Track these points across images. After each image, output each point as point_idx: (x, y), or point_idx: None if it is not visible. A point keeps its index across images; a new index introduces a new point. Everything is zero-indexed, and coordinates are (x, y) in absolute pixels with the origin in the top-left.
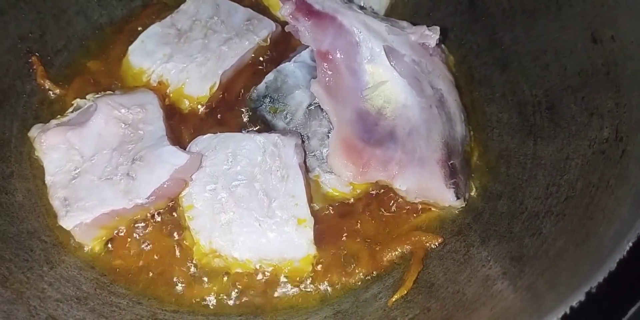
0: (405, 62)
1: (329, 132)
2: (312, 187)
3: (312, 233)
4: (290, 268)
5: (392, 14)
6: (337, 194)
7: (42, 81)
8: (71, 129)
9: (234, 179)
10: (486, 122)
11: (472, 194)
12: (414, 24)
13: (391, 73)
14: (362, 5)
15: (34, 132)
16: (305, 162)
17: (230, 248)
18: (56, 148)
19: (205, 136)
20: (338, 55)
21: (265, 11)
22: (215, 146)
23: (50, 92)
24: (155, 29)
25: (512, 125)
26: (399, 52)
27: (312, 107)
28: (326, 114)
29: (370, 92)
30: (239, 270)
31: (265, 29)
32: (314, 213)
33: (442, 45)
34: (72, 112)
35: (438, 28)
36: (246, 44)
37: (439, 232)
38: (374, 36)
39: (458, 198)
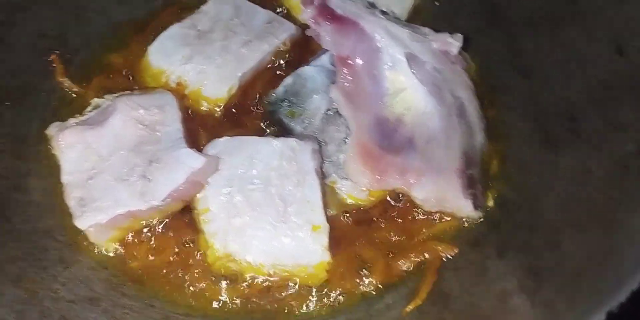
0: (427, 69)
1: (347, 138)
2: (327, 193)
3: (327, 239)
4: (304, 274)
5: (413, 19)
6: (352, 200)
7: (61, 79)
8: (89, 129)
9: (249, 182)
10: (505, 131)
11: (490, 204)
12: (436, 31)
13: (412, 80)
14: (384, 10)
15: (52, 130)
16: (321, 167)
17: (244, 252)
18: (73, 147)
19: (222, 139)
20: (358, 60)
21: (285, 13)
22: (232, 149)
23: (70, 91)
24: (175, 29)
25: (532, 136)
26: (421, 59)
27: (330, 112)
28: (344, 119)
29: (390, 99)
30: (252, 275)
31: (285, 32)
32: (328, 219)
33: (464, 53)
34: (90, 111)
35: (461, 36)
36: (266, 47)
37: (454, 242)
38: (395, 42)
39: (476, 209)
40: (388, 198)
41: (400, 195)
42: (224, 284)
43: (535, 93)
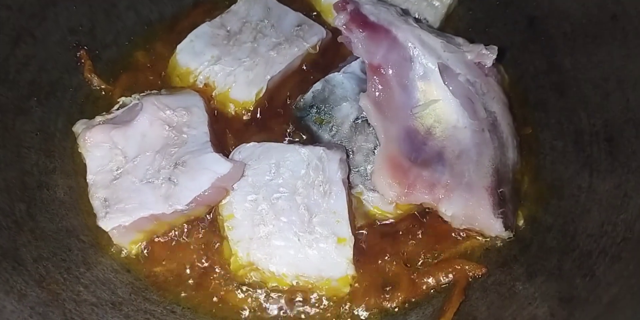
0: (460, 81)
1: (375, 149)
2: (353, 204)
3: (352, 252)
4: (327, 287)
5: (446, 26)
6: (379, 212)
7: (89, 75)
8: (116, 128)
9: (275, 190)
10: (539, 148)
11: (520, 224)
12: (471, 41)
13: (444, 92)
14: (417, 17)
15: (78, 127)
16: (349, 177)
17: (267, 261)
18: (100, 146)
19: (249, 144)
20: (390, 69)
21: (316, 16)
22: (258, 155)
23: (97, 87)
24: (204, 28)
25: (566, 155)
26: (454, 70)
27: (359, 120)
28: (373, 129)
29: (421, 110)
30: (275, 285)
31: (315, 36)
32: (354, 231)
33: (499, 65)
34: (117, 109)
35: (496, 48)
36: (295, 51)
37: (482, 262)
38: (428, 52)
39: (506, 229)
40: (415, 212)
41: (428, 209)
42: (246, 292)
43: (571, 111)
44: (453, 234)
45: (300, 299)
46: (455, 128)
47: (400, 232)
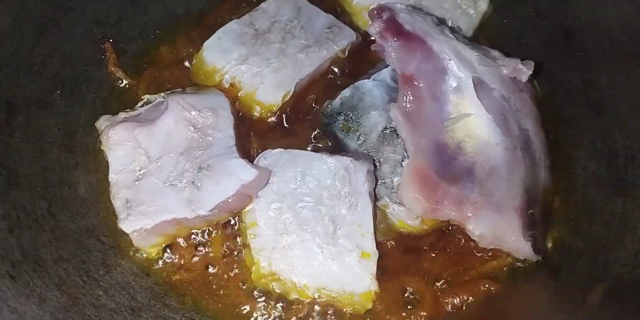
0: (494, 96)
1: (403, 161)
2: (378, 217)
3: (375, 268)
4: (350, 302)
5: (479, 35)
6: (404, 227)
7: (113, 69)
8: (140, 126)
9: (300, 200)
10: (570, 168)
11: (549, 246)
12: (505, 54)
13: (477, 106)
14: (450, 25)
15: (102, 123)
16: (375, 189)
17: (289, 272)
18: (123, 144)
19: (275, 151)
20: (423, 80)
21: (346, 18)
22: (284, 163)
23: (121, 81)
24: (233, 26)
25: (599, 177)
26: (489, 85)
27: (388, 131)
28: (402, 140)
29: (452, 124)
30: (296, 297)
31: (345, 39)
32: (378, 245)
33: (532, 80)
34: (141, 106)
35: (532, 63)
36: (324, 54)
37: (509, 284)
38: (463, 65)
39: (535, 252)
40: (442, 228)
41: (454, 226)
42: (267, 303)
43: (606, 131)
44: (479, 253)
45: (320, 313)
46: (487, 144)
47: (425, 248)
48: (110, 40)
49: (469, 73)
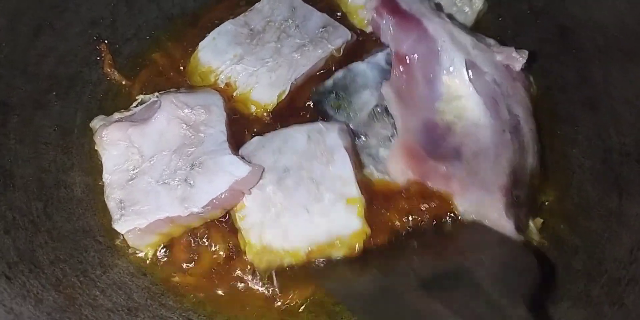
0: (486, 80)
1: (392, 136)
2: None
3: (363, 210)
4: (340, 245)
5: (475, 31)
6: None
7: (109, 70)
8: (133, 126)
9: (281, 171)
10: (566, 165)
11: (535, 234)
12: (502, 43)
13: (468, 89)
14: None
15: (96, 123)
16: (356, 151)
17: (280, 240)
18: (116, 144)
19: (254, 139)
20: (416, 60)
21: (341, 17)
22: (262, 145)
23: (116, 82)
24: (227, 26)
25: (595, 173)
26: (481, 69)
27: (378, 109)
28: (392, 119)
29: (443, 105)
30: (290, 261)
31: (340, 38)
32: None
33: (530, 77)
34: (135, 106)
35: (527, 52)
36: (319, 53)
37: None
38: (457, 48)
39: (517, 231)
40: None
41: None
42: (265, 302)
43: (602, 128)
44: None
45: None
46: (476, 126)
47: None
48: (106, 41)
49: (462, 56)
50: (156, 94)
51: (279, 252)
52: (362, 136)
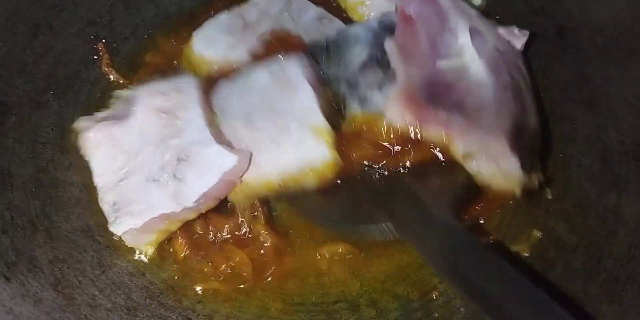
0: (488, 47)
1: (384, 84)
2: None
3: (331, 139)
4: (311, 173)
5: None
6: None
7: (106, 69)
8: (114, 124)
9: (245, 110)
10: (565, 164)
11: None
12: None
13: (471, 52)
14: None
15: (80, 124)
16: (323, 82)
17: (254, 174)
18: (101, 146)
19: (221, 85)
20: (421, 21)
21: (339, 13)
22: (230, 89)
23: (114, 82)
24: (222, 17)
25: (593, 172)
26: (484, 36)
27: (369, 60)
28: (384, 69)
29: (446, 64)
30: (265, 192)
31: (334, 31)
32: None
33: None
34: (114, 103)
35: (527, 32)
36: None
37: None
38: (462, 14)
39: (523, 169)
40: None
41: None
42: (263, 300)
43: (600, 127)
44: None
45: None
46: (478, 86)
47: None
48: (103, 40)
49: (466, 22)
50: (132, 86)
51: (254, 186)
52: (352, 83)
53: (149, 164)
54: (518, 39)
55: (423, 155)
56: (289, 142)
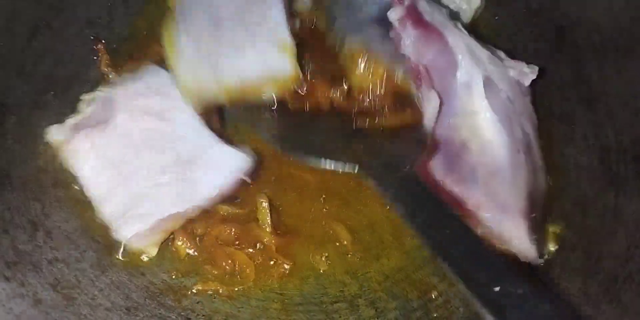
0: (501, 97)
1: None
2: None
3: (294, 54)
4: (272, 84)
5: (471, 31)
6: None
7: (106, 69)
8: (95, 132)
9: (214, 19)
10: (563, 163)
11: (552, 248)
12: (511, 56)
13: (484, 105)
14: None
15: (53, 134)
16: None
17: (212, 75)
18: (86, 157)
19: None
20: (435, 74)
21: None
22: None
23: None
24: None
25: (592, 172)
26: (497, 85)
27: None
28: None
29: (459, 121)
30: (223, 100)
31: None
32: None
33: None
34: (86, 107)
35: (537, 68)
36: None
37: None
38: (475, 63)
39: (540, 257)
40: None
41: None
42: (264, 301)
43: (598, 126)
44: None
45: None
46: (491, 144)
47: None
48: (103, 41)
49: (479, 71)
50: (99, 88)
51: (210, 87)
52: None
53: (146, 168)
54: (527, 76)
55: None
56: (252, 50)
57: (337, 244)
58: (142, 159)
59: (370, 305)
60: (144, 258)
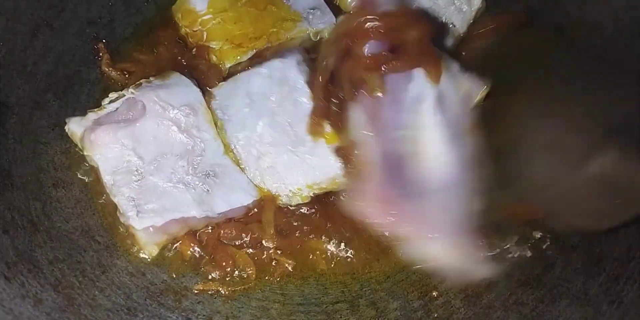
0: (451, 113)
1: None
2: None
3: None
4: (338, 185)
5: (472, 32)
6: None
7: (107, 69)
8: (121, 128)
9: (258, 120)
10: None
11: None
12: (465, 69)
13: (434, 120)
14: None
15: (73, 126)
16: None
17: (284, 186)
18: (109, 148)
19: (219, 88)
20: (387, 84)
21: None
22: (229, 92)
23: (114, 82)
24: None
25: None
26: (448, 101)
27: None
28: None
29: (407, 134)
30: (299, 202)
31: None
32: None
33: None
34: (109, 103)
35: (485, 85)
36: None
37: (504, 279)
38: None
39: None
40: None
41: None
42: (263, 301)
43: None
44: None
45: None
46: (438, 161)
47: None
48: (104, 41)
49: (434, 86)
50: (130, 89)
51: (288, 195)
52: None
53: (169, 170)
54: (476, 93)
55: None
56: (308, 152)
57: (338, 244)
58: (166, 163)
59: (371, 305)
60: (145, 258)
